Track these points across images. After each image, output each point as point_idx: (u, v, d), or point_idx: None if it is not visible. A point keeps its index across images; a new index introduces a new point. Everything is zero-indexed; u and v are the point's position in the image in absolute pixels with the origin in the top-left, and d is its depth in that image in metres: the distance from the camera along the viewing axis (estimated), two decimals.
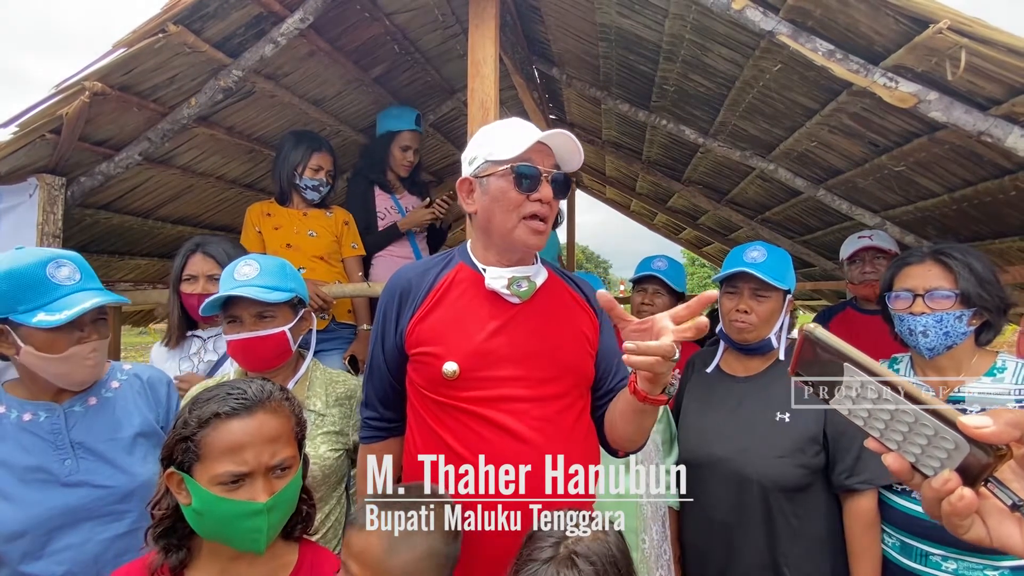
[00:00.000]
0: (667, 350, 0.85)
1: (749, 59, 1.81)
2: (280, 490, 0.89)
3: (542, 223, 1.09)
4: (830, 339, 0.48)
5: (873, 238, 2.15)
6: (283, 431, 0.91)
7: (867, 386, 0.46)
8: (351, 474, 1.45)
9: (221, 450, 0.86)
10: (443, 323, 1.12)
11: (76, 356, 1.13)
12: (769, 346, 1.46)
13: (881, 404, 0.45)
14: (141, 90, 1.82)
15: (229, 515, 0.85)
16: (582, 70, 2.77)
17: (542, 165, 1.07)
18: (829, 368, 0.48)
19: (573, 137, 1.09)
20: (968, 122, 1.32)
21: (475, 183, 1.13)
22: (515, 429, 1.06)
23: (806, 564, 1.32)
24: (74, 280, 1.13)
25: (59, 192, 1.93)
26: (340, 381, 1.43)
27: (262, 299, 1.26)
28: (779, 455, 1.34)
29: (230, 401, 0.88)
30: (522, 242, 1.09)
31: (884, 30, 1.31)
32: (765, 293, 1.43)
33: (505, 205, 1.08)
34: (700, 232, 4.82)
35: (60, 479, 1.13)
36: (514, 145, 1.06)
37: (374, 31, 2.25)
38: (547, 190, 1.07)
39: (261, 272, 1.30)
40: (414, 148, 2.59)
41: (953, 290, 1.26)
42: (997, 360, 1.30)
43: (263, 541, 0.88)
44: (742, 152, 2.55)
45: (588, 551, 0.85)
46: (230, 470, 0.85)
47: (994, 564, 1.20)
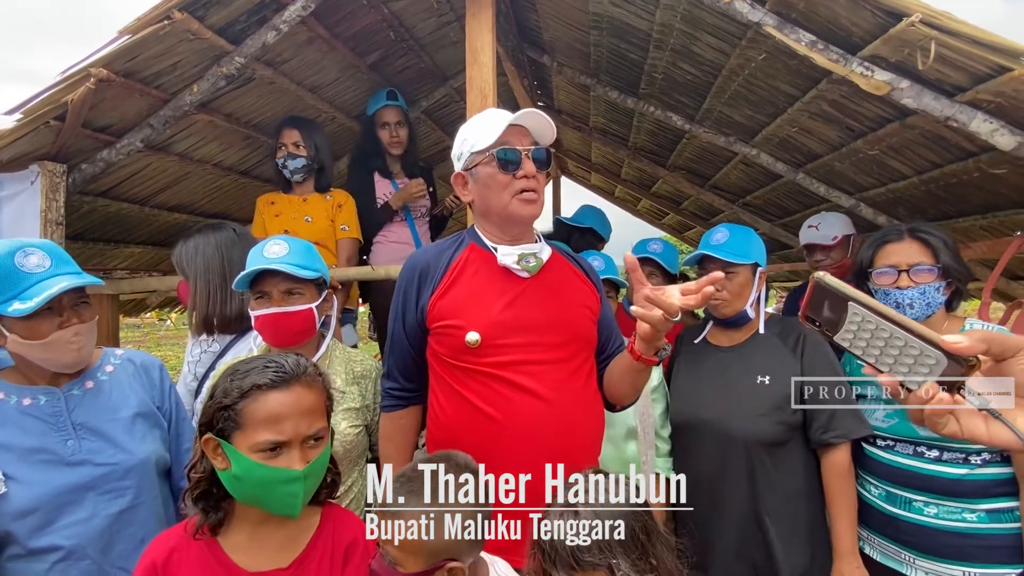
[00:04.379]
0: (672, 307, 0.97)
1: (736, 48, 1.91)
2: (315, 459, 0.94)
3: (533, 192, 1.20)
4: (837, 283, 0.59)
5: (820, 227, 2.29)
6: (317, 404, 0.97)
7: (867, 319, 0.56)
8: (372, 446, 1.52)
9: (261, 420, 0.90)
10: (462, 298, 1.22)
11: (59, 340, 1.15)
12: (746, 318, 1.57)
13: (878, 334, 0.56)
14: (144, 76, 1.83)
15: (268, 480, 0.91)
16: (573, 58, 2.84)
17: (520, 145, 1.19)
18: (835, 309, 0.59)
19: (542, 114, 1.20)
20: (936, 108, 1.44)
21: (467, 175, 1.25)
22: (535, 389, 1.17)
23: (784, 513, 1.43)
24: (44, 267, 1.14)
25: (61, 179, 1.94)
26: (358, 360, 1.49)
27: (295, 274, 1.32)
28: (760, 413, 1.45)
29: (269, 374, 0.93)
30: (518, 214, 1.20)
31: (862, 22, 1.41)
32: (732, 270, 1.53)
33: (496, 188, 1.19)
34: (683, 217, 4.96)
35: (64, 459, 1.16)
36: (490, 133, 1.17)
37: (371, 18, 2.28)
38: (530, 166, 1.18)
39: (290, 251, 1.35)
40: (395, 122, 2.55)
41: (935, 264, 1.38)
42: (965, 324, 1.44)
43: (298, 506, 0.94)
44: (726, 138, 2.67)
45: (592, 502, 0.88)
46: (269, 439, 0.90)
47: (971, 507, 1.30)
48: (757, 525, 1.44)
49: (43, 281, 1.13)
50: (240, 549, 0.96)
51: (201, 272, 1.77)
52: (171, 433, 1.37)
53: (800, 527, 1.44)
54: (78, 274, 1.19)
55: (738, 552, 1.45)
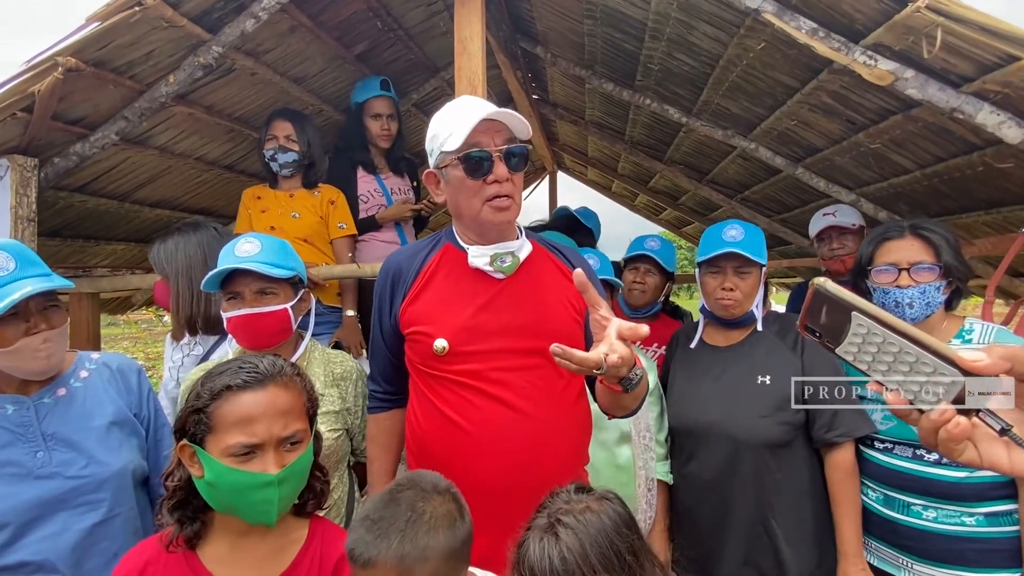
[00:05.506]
0: (587, 364, 0.84)
1: (733, 37, 1.84)
2: (291, 463, 0.90)
3: (507, 198, 1.10)
4: (839, 291, 0.52)
5: (837, 215, 2.22)
6: (294, 405, 0.93)
7: (873, 331, 0.50)
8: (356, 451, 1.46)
9: (232, 421, 0.87)
10: (432, 303, 1.16)
11: (26, 348, 1.10)
12: (752, 318, 1.53)
13: (886, 348, 0.50)
14: (117, 66, 1.76)
15: (240, 486, 0.87)
16: (567, 48, 2.77)
17: (492, 144, 1.08)
18: (836, 318, 0.52)
19: (513, 112, 1.09)
20: (942, 99, 1.38)
21: (438, 174, 1.16)
22: (504, 397, 1.11)
23: (791, 514, 1.40)
24: (8, 270, 1.08)
25: (32, 173, 1.86)
26: (338, 361, 1.43)
27: (267, 273, 1.26)
28: (763, 415, 1.41)
29: (241, 374, 0.90)
30: (490, 222, 1.12)
31: (865, 8, 1.35)
32: (747, 269, 1.49)
33: (465, 193, 1.11)
34: (680, 212, 4.90)
35: (32, 472, 1.12)
36: (459, 132, 1.06)
37: (356, 6, 2.21)
38: (501, 169, 1.08)
39: (263, 250, 1.30)
40: (387, 115, 2.45)
41: (936, 263, 1.33)
42: (965, 323, 1.39)
43: (274, 513, 0.90)
44: (724, 131, 2.60)
45: (574, 521, 0.83)
46: (241, 441, 0.87)
47: (969, 511, 1.28)
48: (764, 529, 1.41)
49: (5, 286, 1.07)
50: (220, 562, 0.92)
51: (183, 270, 1.70)
52: (149, 440, 1.33)
53: (807, 529, 1.41)
54: (46, 276, 1.13)
55: (746, 558, 1.42)
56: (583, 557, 0.79)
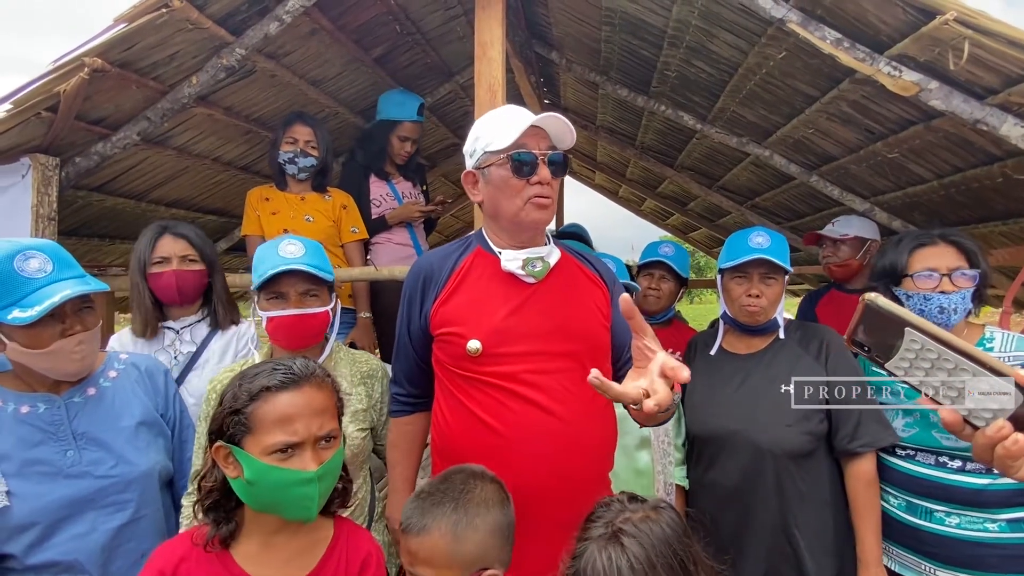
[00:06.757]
0: (624, 399, 0.83)
1: (754, 46, 1.84)
2: (328, 460, 0.92)
3: (546, 199, 1.14)
4: (892, 307, 0.52)
5: (837, 223, 2.26)
6: (328, 404, 0.95)
7: (927, 347, 0.50)
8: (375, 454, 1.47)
9: (272, 421, 0.88)
10: (465, 304, 1.17)
11: (62, 350, 1.10)
12: (775, 325, 1.53)
13: (940, 364, 0.50)
14: (141, 67, 1.77)
15: (282, 483, 0.88)
16: (582, 54, 2.77)
17: (537, 149, 1.12)
18: (887, 333, 0.52)
19: (563, 118, 1.14)
20: (965, 110, 1.39)
21: (478, 175, 1.18)
22: (540, 400, 1.11)
23: (814, 524, 1.40)
24: (46, 272, 1.09)
25: (53, 173, 1.87)
26: (363, 361, 1.45)
27: (316, 275, 1.28)
28: (787, 424, 1.41)
29: (277, 375, 0.91)
30: (530, 220, 1.14)
31: (891, 19, 1.36)
32: (774, 276, 1.49)
33: (508, 192, 1.13)
34: (688, 218, 4.90)
35: (63, 471, 1.12)
36: (508, 133, 1.10)
37: (377, 10, 2.22)
38: (545, 172, 1.12)
39: (307, 252, 1.31)
40: (413, 139, 2.54)
41: (974, 270, 1.34)
42: (985, 332, 1.40)
43: (314, 508, 0.91)
44: (739, 139, 2.61)
45: (636, 530, 0.83)
46: (281, 440, 0.88)
47: (992, 517, 1.29)
48: (787, 539, 1.40)
49: (45, 287, 1.07)
50: (252, 560, 0.94)
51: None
52: (175, 442, 1.34)
53: (828, 539, 1.41)
54: (82, 278, 1.14)
55: (767, 567, 1.41)
56: (650, 566, 0.79)
